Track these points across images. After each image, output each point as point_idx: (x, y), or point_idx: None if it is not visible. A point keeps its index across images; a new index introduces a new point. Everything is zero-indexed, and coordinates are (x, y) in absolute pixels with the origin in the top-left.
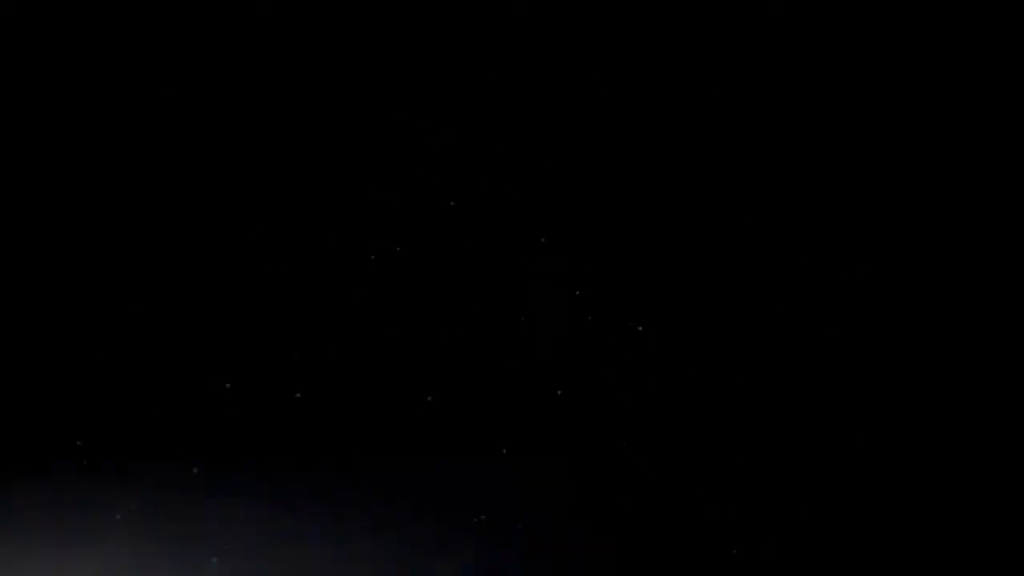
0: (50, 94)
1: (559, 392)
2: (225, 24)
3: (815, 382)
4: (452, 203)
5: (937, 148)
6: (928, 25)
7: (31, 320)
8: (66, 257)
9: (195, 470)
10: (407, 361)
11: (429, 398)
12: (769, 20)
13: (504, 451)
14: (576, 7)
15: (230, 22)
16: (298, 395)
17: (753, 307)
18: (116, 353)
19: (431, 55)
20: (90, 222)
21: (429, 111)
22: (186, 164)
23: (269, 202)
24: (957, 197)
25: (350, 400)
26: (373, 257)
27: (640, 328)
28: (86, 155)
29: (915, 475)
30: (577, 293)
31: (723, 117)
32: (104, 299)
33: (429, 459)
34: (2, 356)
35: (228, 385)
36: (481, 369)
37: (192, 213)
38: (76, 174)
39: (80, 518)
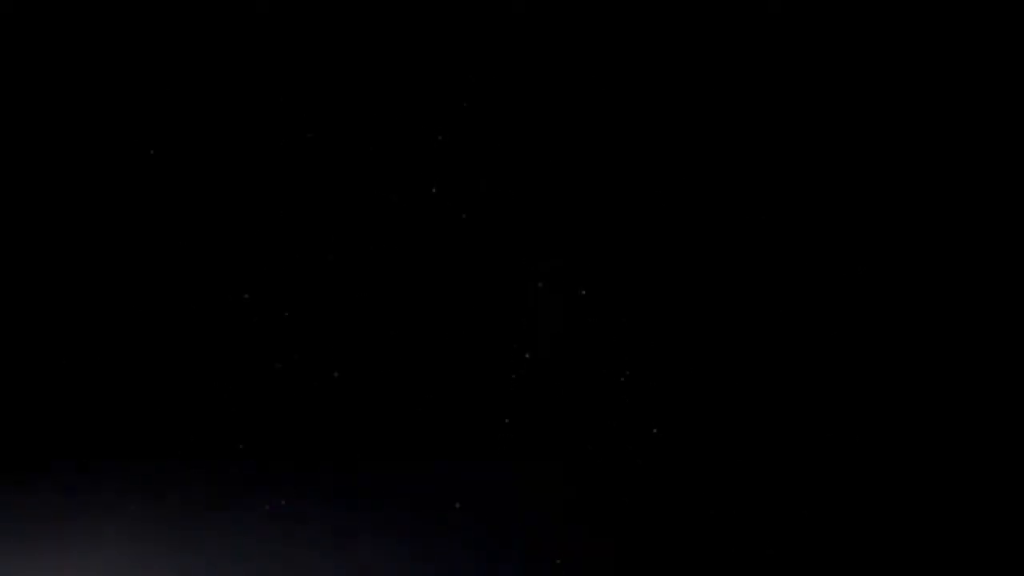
0: (50, 94)
1: (560, 394)
2: (225, 24)
3: (815, 383)
4: (453, 206)
5: (937, 148)
6: (928, 25)
7: (31, 320)
8: (65, 257)
9: (191, 469)
10: (407, 361)
11: (335, 374)
12: (769, 20)
13: (502, 437)
14: (576, 7)
15: (230, 22)
16: (336, 374)
17: (753, 307)
18: (116, 354)
19: (431, 55)
20: (89, 222)
21: (429, 111)
22: (185, 165)
23: (269, 203)
24: (957, 197)
25: (350, 400)
26: (373, 261)
27: (640, 330)
28: (85, 155)
29: (915, 475)
30: (577, 293)
31: (723, 117)
32: (104, 300)
33: (429, 459)
34: (2, 356)
35: (231, 383)
36: (481, 369)
37: (192, 215)
38: (75, 174)
39: (80, 518)
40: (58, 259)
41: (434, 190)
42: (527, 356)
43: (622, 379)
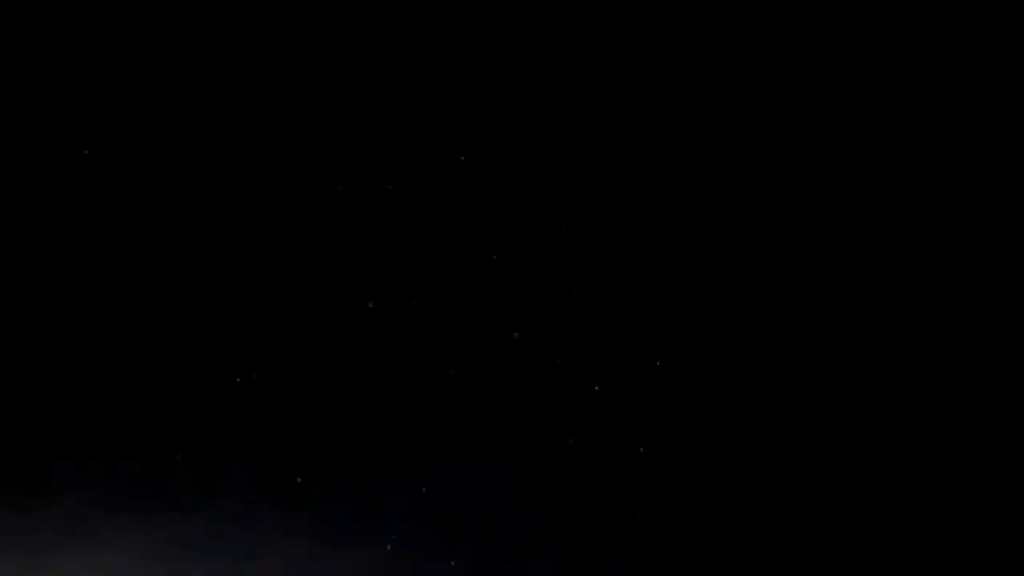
0: (50, 94)
1: (561, 362)
2: (225, 24)
3: (815, 383)
4: (453, 205)
5: (937, 148)
6: (928, 25)
7: (31, 320)
8: (65, 257)
9: (190, 469)
10: (407, 361)
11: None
12: (769, 20)
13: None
14: (576, 7)
15: (230, 22)
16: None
17: (753, 307)
18: (116, 354)
19: (431, 55)
20: (89, 222)
21: (429, 111)
22: (184, 164)
23: (269, 202)
24: (957, 197)
25: (349, 400)
26: (373, 261)
27: (639, 330)
28: (85, 155)
29: (915, 475)
30: (577, 293)
31: (723, 117)
32: (104, 300)
33: (429, 459)
34: (2, 356)
35: (231, 383)
36: (481, 369)
37: (191, 215)
38: (75, 174)
39: (80, 518)
40: (58, 259)
41: (434, 191)
42: (526, 355)
43: (622, 378)
